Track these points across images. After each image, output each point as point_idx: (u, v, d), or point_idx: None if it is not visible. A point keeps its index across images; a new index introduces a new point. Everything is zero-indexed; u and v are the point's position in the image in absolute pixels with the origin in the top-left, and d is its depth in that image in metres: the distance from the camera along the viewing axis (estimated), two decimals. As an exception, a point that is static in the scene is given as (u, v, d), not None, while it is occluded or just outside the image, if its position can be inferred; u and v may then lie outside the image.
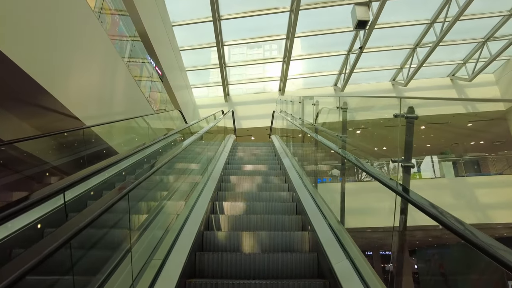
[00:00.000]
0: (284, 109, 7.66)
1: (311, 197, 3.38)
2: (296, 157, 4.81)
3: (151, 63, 8.96)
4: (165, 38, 10.25)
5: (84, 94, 4.33)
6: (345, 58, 12.88)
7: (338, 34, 11.82)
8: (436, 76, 14.32)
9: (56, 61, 3.92)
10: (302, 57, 12.82)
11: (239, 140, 11.87)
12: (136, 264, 1.90)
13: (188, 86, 13.68)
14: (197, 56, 13.51)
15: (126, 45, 6.28)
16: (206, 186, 3.71)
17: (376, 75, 14.85)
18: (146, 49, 8.76)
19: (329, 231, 2.63)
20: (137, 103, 6.28)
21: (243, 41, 11.82)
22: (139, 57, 7.17)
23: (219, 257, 2.59)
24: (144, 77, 7.37)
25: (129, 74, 5.87)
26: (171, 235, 2.53)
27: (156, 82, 8.81)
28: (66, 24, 4.10)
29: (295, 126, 6.07)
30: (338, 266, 2.19)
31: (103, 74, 4.89)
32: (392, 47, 12.60)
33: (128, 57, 6.22)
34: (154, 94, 8.32)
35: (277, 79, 13.93)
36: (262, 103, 14.28)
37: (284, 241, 2.93)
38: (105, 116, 4.64)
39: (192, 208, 3.11)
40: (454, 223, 1.21)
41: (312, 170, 3.93)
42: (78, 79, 4.27)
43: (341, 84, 13.76)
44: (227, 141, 6.84)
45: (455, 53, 13.86)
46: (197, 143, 4.21)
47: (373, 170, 2.22)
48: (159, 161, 2.47)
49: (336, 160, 3.76)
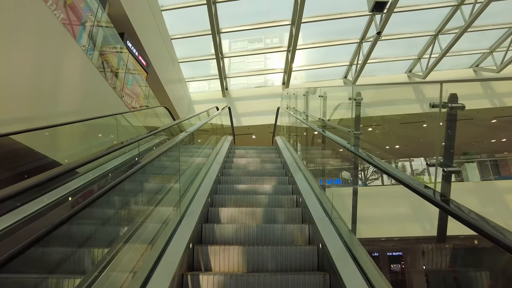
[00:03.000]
0: (292, 105, 6.28)
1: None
2: (319, 179, 3.37)
3: (134, 52, 7.58)
4: (151, 23, 8.85)
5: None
6: (357, 47, 11.46)
7: (350, 20, 10.39)
8: (457, 68, 12.90)
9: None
10: (309, 46, 11.38)
11: (238, 141, 10.49)
12: None
13: (182, 79, 12.29)
14: (191, 46, 12.12)
15: (93, 29, 4.90)
16: (174, 238, 2.34)
17: (389, 66, 13.42)
18: (128, 36, 7.37)
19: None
20: (103, 99, 4.92)
21: (243, 27, 10.38)
22: (111, 44, 5.79)
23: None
24: (120, 68, 6.00)
25: (90, 64, 4.50)
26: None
27: (139, 74, 7.43)
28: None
29: (304, 125, 4.70)
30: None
31: (40, 61, 3.52)
32: (410, 34, 11.16)
33: (91, 42, 4.84)
34: (136, 89, 6.96)
35: (281, 71, 12.52)
36: (263, 98, 12.89)
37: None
38: (45, 119, 3.29)
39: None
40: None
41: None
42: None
43: (352, 76, 12.34)
44: (220, 147, 5.40)
45: (480, 41, 12.42)
46: (170, 159, 2.86)
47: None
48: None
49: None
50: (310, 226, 2.74)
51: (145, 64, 8.09)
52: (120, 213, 2.13)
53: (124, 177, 1.76)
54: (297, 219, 3.09)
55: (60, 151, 3.49)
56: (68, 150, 3.63)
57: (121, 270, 1.81)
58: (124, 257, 1.87)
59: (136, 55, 7.67)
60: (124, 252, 1.90)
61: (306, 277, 2.16)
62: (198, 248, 2.46)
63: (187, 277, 2.17)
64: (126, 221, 2.17)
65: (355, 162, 2.46)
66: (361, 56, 11.30)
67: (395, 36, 11.09)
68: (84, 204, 1.33)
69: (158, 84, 9.52)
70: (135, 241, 2.06)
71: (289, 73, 11.69)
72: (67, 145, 3.74)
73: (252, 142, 14.68)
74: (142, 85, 7.43)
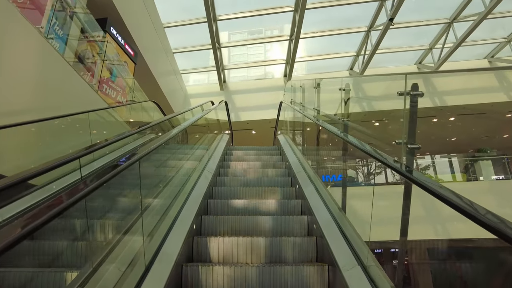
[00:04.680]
0: (297, 99, 5.48)
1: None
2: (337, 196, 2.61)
3: (120, 40, 6.76)
4: (140, 8, 8.02)
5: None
6: (364, 36, 10.62)
7: (358, 6, 9.54)
8: (471, 58, 12.07)
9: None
10: (313, 35, 10.53)
11: (237, 137, 9.70)
12: None
13: (176, 71, 11.47)
14: (187, 36, 11.26)
15: (54, 12, 4.09)
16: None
17: (398, 57, 12.58)
18: (112, 22, 6.55)
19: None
20: (73, 95, 4.14)
21: (241, 14, 9.53)
22: (87, 31, 4.98)
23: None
24: (98, 58, 5.20)
25: (55, 53, 3.71)
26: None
27: (124, 66, 6.63)
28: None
29: (315, 125, 3.95)
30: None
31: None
32: (422, 22, 10.31)
33: (58, 27, 4.05)
34: (122, 81, 6.18)
35: (282, 62, 11.69)
36: (264, 91, 12.08)
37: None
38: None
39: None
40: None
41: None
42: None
43: (358, 67, 11.52)
44: (214, 150, 4.57)
45: (496, 30, 11.57)
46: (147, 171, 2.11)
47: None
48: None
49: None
50: (330, 269, 2.00)
51: (133, 54, 7.28)
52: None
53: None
54: (310, 252, 2.34)
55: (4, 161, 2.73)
56: (15, 161, 2.86)
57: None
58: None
59: (122, 44, 6.86)
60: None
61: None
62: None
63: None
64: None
65: (406, 190, 1.71)
66: (369, 46, 10.46)
67: (406, 25, 10.25)
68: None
69: (149, 76, 8.72)
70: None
71: (292, 64, 10.86)
72: (13, 154, 2.97)
73: (252, 138, 13.90)
74: (128, 77, 6.64)
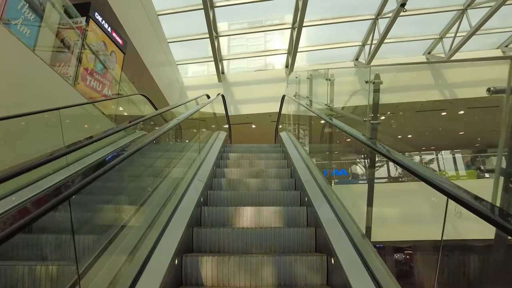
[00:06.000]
0: (303, 93, 4.87)
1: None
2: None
3: (106, 27, 6.15)
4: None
5: None
6: (371, 24, 9.96)
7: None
8: (483, 48, 11.41)
9: None
10: (317, 23, 9.88)
11: (237, 132, 9.11)
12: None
13: (172, 61, 10.84)
14: (184, 24, 10.60)
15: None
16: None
17: (405, 47, 11.92)
18: (97, 7, 5.93)
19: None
20: (43, 89, 3.56)
21: (240, 0, 8.87)
22: (61, 17, 4.38)
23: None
24: (76, 47, 4.60)
25: (15, 41, 3.12)
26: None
27: (111, 55, 6.03)
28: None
29: (328, 125, 3.38)
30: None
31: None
32: (434, 9, 9.64)
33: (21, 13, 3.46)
34: (108, 74, 5.60)
35: (284, 51, 11.04)
36: (264, 83, 11.46)
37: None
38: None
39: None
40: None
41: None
42: None
43: (364, 58, 10.88)
44: (207, 152, 3.90)
45: (509, 17, 10.89)
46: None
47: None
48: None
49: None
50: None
51: (122, 42, 6.67)
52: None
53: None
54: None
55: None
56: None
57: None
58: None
59: (109, 32, 6.25)
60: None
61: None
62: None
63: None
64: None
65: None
66: (377, 33, 9.81)
67: (416, 12, 9.59)
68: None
69: (141, 67, 8.11)
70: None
71: (294, 54, 10.22)
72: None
73: (252, 133, 13.33)
74: (116, 69, 6.04)
